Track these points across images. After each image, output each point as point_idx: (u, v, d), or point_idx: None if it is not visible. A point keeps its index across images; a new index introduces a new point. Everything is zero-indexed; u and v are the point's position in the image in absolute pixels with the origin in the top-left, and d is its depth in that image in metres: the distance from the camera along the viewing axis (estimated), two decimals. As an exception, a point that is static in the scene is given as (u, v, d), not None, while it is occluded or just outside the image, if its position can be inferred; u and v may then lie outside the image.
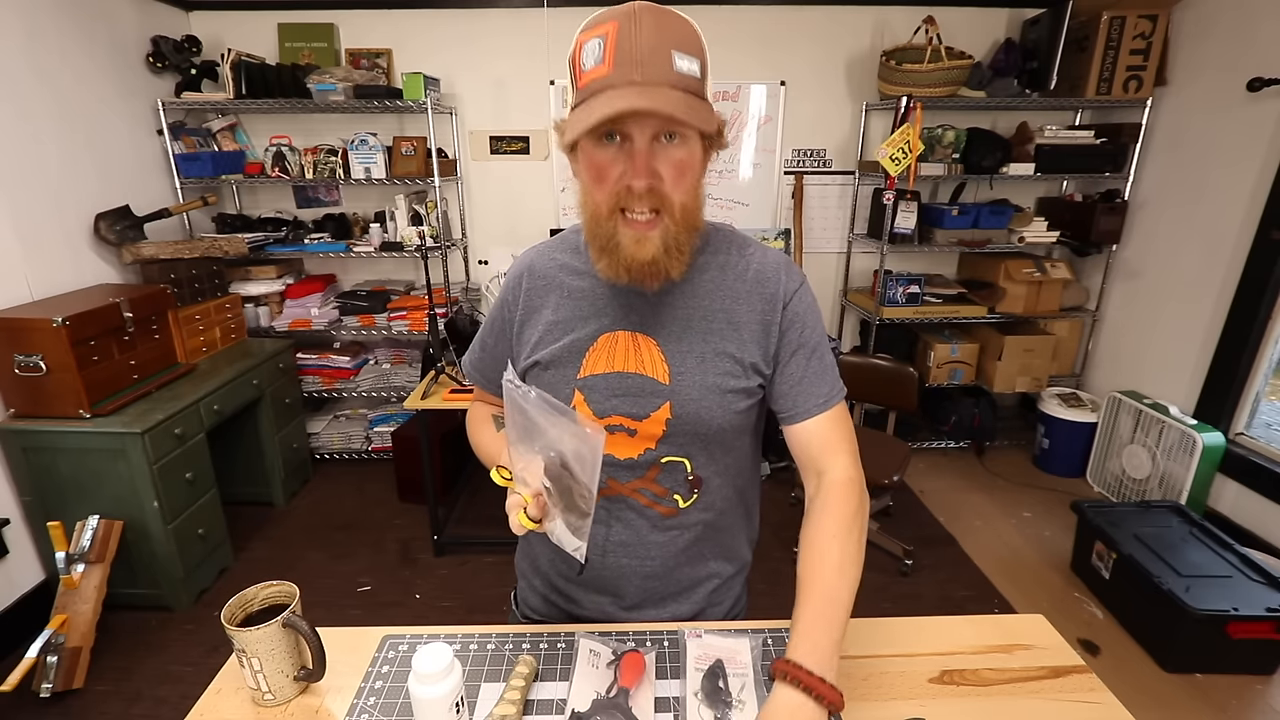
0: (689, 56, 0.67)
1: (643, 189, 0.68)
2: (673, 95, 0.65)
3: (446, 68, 3.00)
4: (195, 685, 0.80)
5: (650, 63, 0.65)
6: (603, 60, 0.65)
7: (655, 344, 0.80)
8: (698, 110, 0.67)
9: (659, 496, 0.83)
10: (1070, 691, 0.78)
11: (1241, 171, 2.38)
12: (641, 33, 0.65)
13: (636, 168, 0.67)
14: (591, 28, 0.68)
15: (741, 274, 0.82)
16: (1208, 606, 1.81)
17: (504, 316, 0.88)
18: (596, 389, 0.80)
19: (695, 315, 0.80)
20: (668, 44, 0.65)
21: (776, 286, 0.81)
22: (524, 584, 1.00)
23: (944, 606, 2.19)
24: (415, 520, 2.71)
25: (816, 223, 3.30)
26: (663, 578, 0.86)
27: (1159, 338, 2.80)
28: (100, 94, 2.44)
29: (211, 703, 0.76)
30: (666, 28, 0.66)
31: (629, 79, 0.64)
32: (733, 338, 0.80)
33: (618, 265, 0.73)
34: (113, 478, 1.99)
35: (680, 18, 0.68)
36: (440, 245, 2.95)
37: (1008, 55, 2.84)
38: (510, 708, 0.71)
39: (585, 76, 0.67)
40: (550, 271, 0.85)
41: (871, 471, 2.34)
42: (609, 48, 0.65)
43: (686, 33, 0.68)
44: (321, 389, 3.13)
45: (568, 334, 0.82)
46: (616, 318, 0.80)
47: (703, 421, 0.79)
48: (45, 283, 2.16)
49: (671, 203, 0.70)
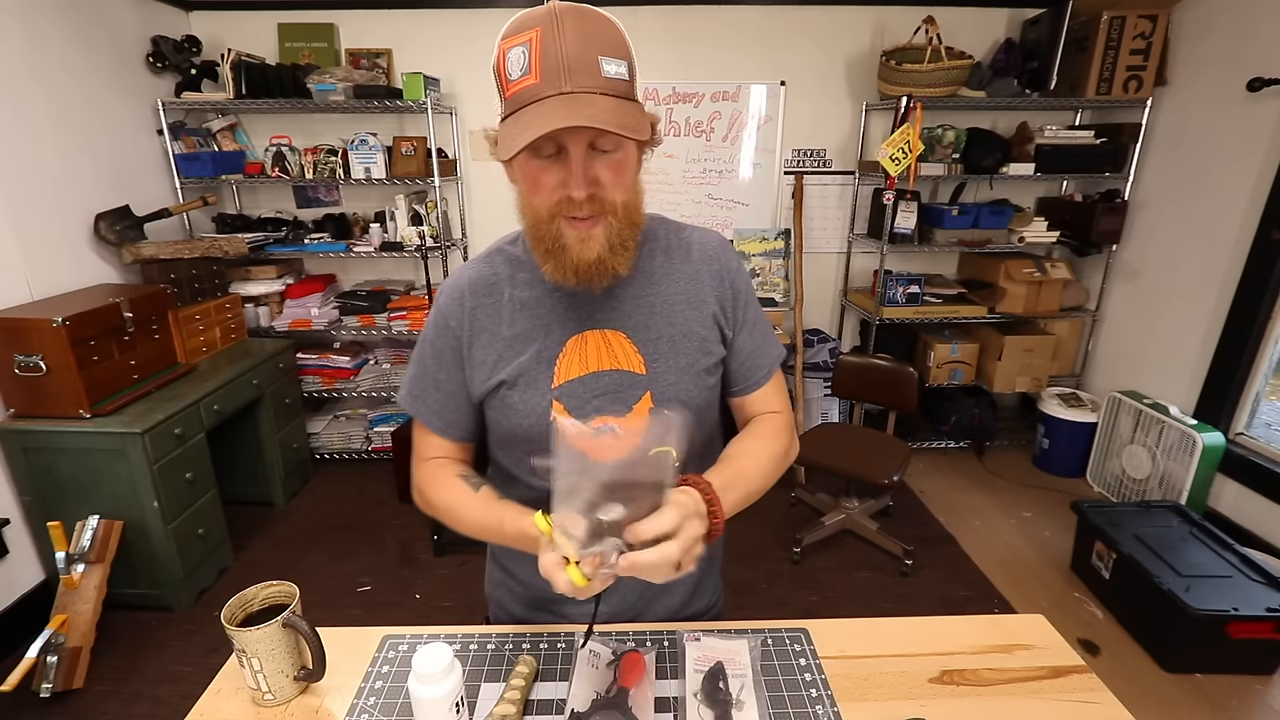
0: (616, 60, 0.66)
1: (583, 198, 0.68)
2: (604, 104, 0.64)
3: (446, 68, 3.00)
4: (195, 685, 0.80)
5: (578, 70, 0.63)
6: (529, 70, 0.64)
7: (625, 336, 0.80)
8: (629, 115, 0.66)
9: None
10: (1070, 691, 0.78)
11: (1241, 171, 2.38)
12: (565, 38, 0.63)
13: (575, 178, 0.67)
14: (512, 35, 0.66)
15: (686, 254, 0.84)
16: (1208, 606, 1.81)
17: (449, 344, 0.82)
18: (575, 395, 0.79)
19: (657, 301, 0.81)
20: (593, 49, 0.64)
21: (722, 263, 0.85)
22: (499, 611, 0.97)
23: (944, 606, 2.19)
24: (415, 520, 2.71)
25: (816, 223, 3.30)
26: (653, 585, 0.86)
27: (1159, 338, 2.80)
28: (100, 94, 2.44)
29: (211, 703, 0.76)
30: (590, 32, 0.64)
31: (558, 88, 0.63)
32: (695, 316, 0.82)
33: (564, 267, 0.73)
34: (113, 478, 1.99)
35: (602, 17, 0.66)
36: (440, 245, 2.95)
37: (1008, 55, 2.83)
38: (510, 708, 0.71)
39: (512, 86, 0.66)
40: (494, 286, 0.82)
41: (871, 471, 2.35)
42: (534, 56, 0.63)
43: (610, 34, 0.66)
44: (321, 389, 3.13)
45: (531, 345, 0.79)
46: (581, 319, 0.80)
47: (682, 403, 0.80)
48: (45, 283, 2.17)
49: (614, 203, 0.70)
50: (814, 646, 0.84)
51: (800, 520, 2.67)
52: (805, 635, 0.86)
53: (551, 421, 0.76)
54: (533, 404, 0.79)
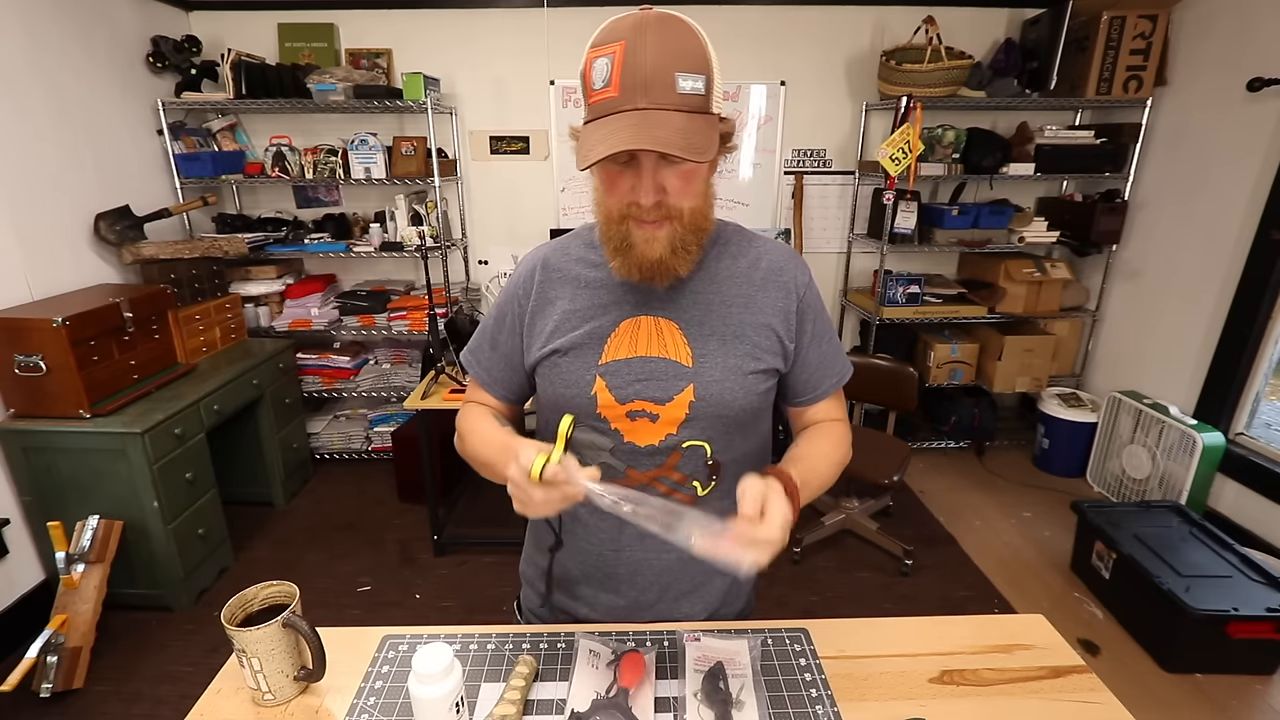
0: (693, 75, 0.68)
1: (650, 204, 0.72)
2: (675, 123, 0.67)
3: (446, 68, 3.00)
4: (195, 685, 0.80)
5: (654, 86, 0.66)
6: (609, 82, 0.68)
7: (677, 327, 0.81)
8: (697, 135, 0.68)
9: (678, 484, 0.83)
10: (1070, 691, 0.78)
11: (1241, 171, 2.38)
12: (647, 53, 0.66)
13: (643, 187, 0.71)
14: (600, 45, 0.69)
15: (754, 263, 0.85)
16: (1208, 606, 1.81)
17: (514, 310, 0.88)
18: (619, 374, 0.80)
19: (715, 300, 0.83)
20: (671, 65, 0.67)
21: (790, 277, 0.85)
22: (528, 589, 1.00)
23: (944, 606, 2.19)
24: (415, 520, 2.71)
25: (816, 223, 3.30)
26: (678, 571, 0.87)
27: (1159, 338, 2.80)
28: (100, 94, 2.44)
29: (211, 703, 0.76)
30: (670, 48, 0.67)
31: (634, 103, 0.67)
32: (750, 321, 0.83)
33: (630, 264, 0.77)
34: (113, 478, 1.99)
35: (686, 30, 0.69)
36: (440, 245, 2.95)
37: (1008, 55, 2.83)
38: (510, 708, 0.71)
39: (594, 95, 0.70)
40: (565, 265, 0.87)
41: (871, 471, 2.35)
42: (615, 69, 0.67)
43: (691, 48, 0.68)
44: (321, 389, 3.13)
45: (588, 321, 0.83)
46: (638, 303, 0.82)
47: (725, 403, 0.80)
48: (45, 283, 2.17)
49: (679, 209, 0.74)
50: (814, 646, 0.84)
51: (800, 520, 2.64)
52: (805, 635, 0.86)
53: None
54: (577, 375, 0.82)
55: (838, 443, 0.88)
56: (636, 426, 0.81)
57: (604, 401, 0.81)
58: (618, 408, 0.80)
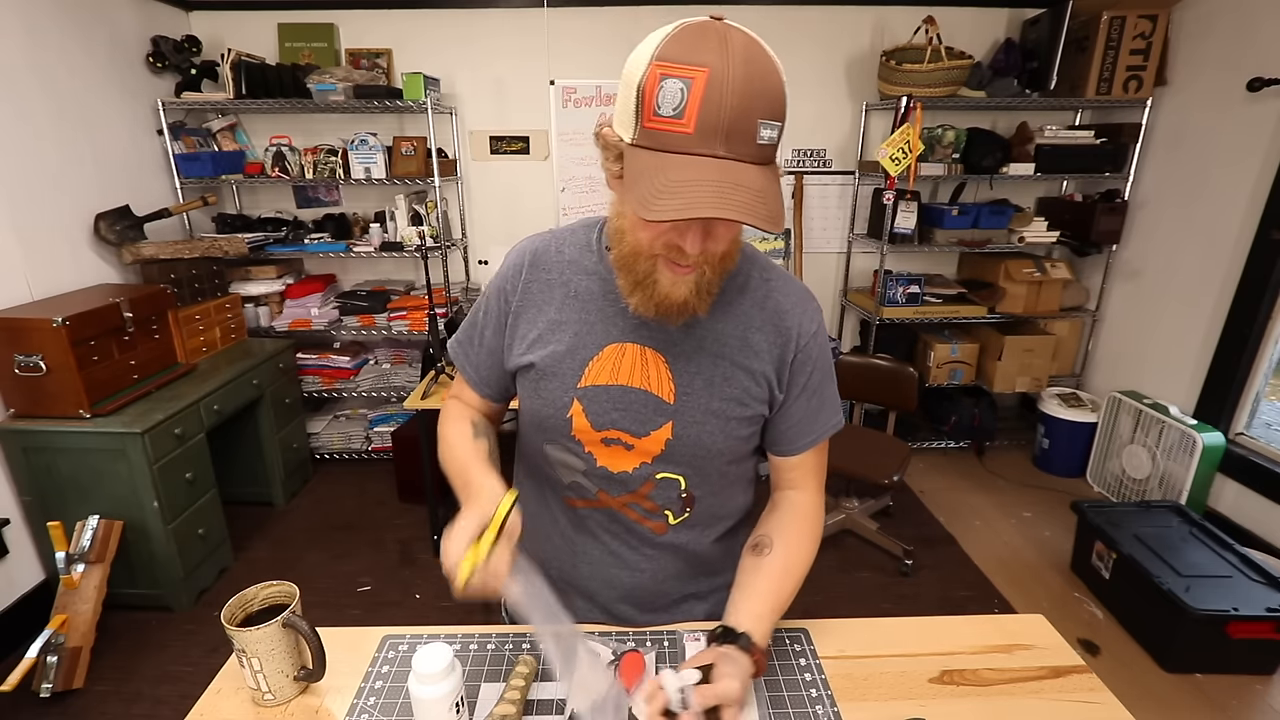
0: (773, 123, 0.60)
1: (695, 255, 0.66)
2: (754, 182, 0.59)
3: (446, 68, 3.00)
4: (195, 685, 0.79)
5: (735, 134, 0.58)
6: (683, 114, 0.57)
7: (664, 361, 0.77)
8: (774, 197, 0.60)
9: (649, 512, 0.82)
10: (1070, 691, 0.78)
11: (1241, 171, 2.38)
12: (732, 92, 0.56)
13: (693, 239, 0.64)
14: (675, 63, 0.57)
15: (761, 301, 0.79)
16: (1208, 606, 1.81)
17: (500, 307, 0.83)
18: (597, 400, 0.78)
19: (709, 337, 0.77)
20: (755, 111, 0.58)
21: (794, 322, 0.79)
22: None
23: (944, 606, 2.19)
24: (415, 520, 2.71)
25: (816, 223, 3.30)
26: (650, 590, 0.86)
27: (1159, 338, 2.80)
28: (100, 94, 2.44)
29: (211, 703, 0.76)
30: (757, 90, 0.58)
31: (711, 149, 0.58)
32: (743, 365, 0.78)
33: (649, 302, 0.71)
34: (113, 478, 1.99)
35: (770, 67, 0.60)
36: (440, 245, 2.95)
37: (1008, 55, 2.83)
38: (510, 708, 0.71)
39: (659, 122, 0.59)
40: (556, 266, 0.81)
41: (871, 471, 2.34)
42: (693, 101, 0.57)
43: (774, 90, 0.60)
44: (321, 389, 3.13)
45: (572, 338, 0.78)
46: (626, 329, 0.77)
47: (703, 445, 0.78)
48: (45, 283, 2.16)
49: (715, 255, 0.69)
50: (814, 646, 0.84)
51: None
52: (805, 635, 0.86)
53: None
54: (555, 395, 0.79)
55: (809, 543, 0.83)
56: (611, 453, 0.79)
57: (579, 425, 0.78)
58: (593, 433, 0.78)
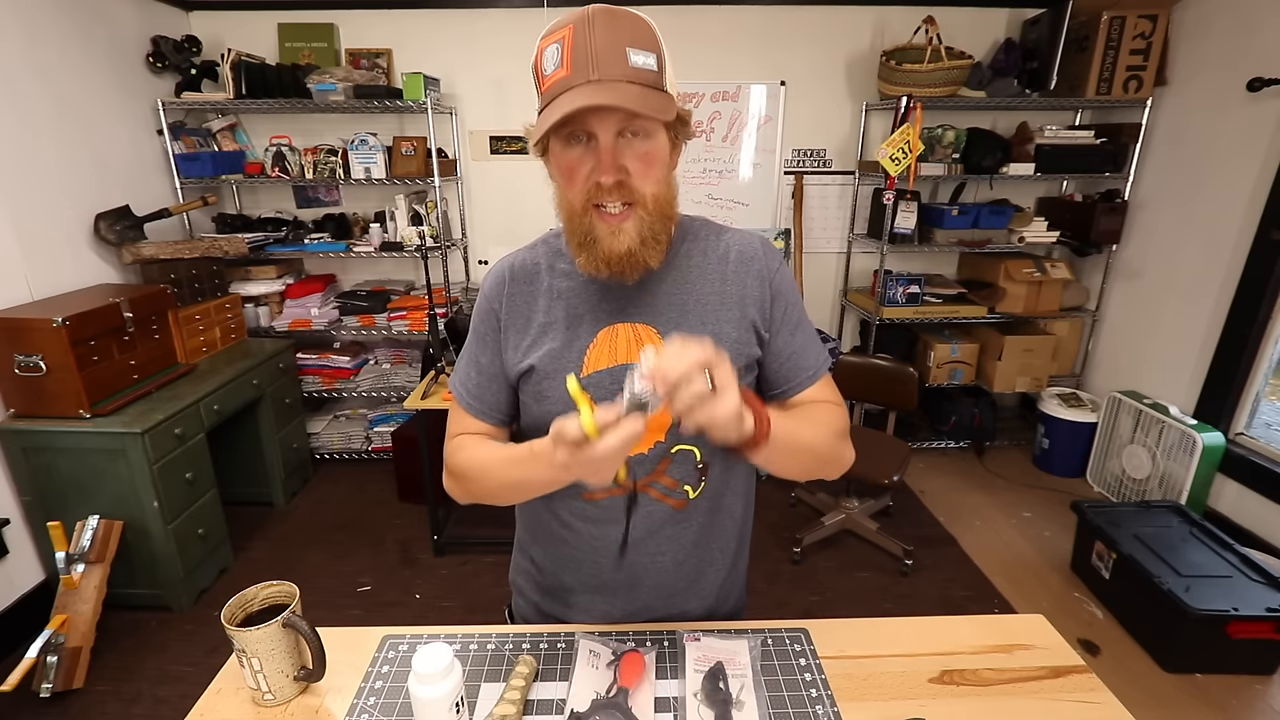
0: (644, 51, 0.69)
1: (611, 184, 0.70)
2: (629, 90, 0.67)
3: (446, 68, 3.00)
4: (195, 685, 0.80)
5: (605, 60, 0.67)
6: (561, 63, 0.68)
7: (656, 332, 0.80)
8: (655, 101, 0.68)
9: (670, 489, 0.83)
10: (1070, 691, 0.78)
11: (1241, 171, 2.38)
12: (596, 33, 0.67)
13: (603, 164, 0.70)
14: (550, 34, 0.70)
15: (724, 256, 0.84)
16: (1208, 606, 1.81)
17: (490, 325, 0.85)
18: (602, 385, 0.79)
19: (689, 300, 0.81)
20: (622, 42, 0.68)
21: (762, 264, 0.84)
22: (519, 599, 0.99)
23: (944, 606, 2.19)
24: (415, 520, 2.71)
25: (816, 223, 3.30)
26: (673, 572, 0.87)
27: (1159, 338, 2.80)
28: (100, 94, 2.44)
29: (211, 703, 0.76)
30: (620, 27, 0.68)
31: (586, 77, 0.67)
32: (728, 318, 0.81)
33: (596, 259, 0.75)
34: (113, 478, 1.99)
35: (634, 16, 0.70)
36: (440, 245, 2.95)
37: (1008, 55, 2.83)
38: (510, 708, 0.71)
39: (546, 81, 0.70)
40: (534, 273, 0.84)
41: (871, 471, 2.35)
42: (566, 51, 0.68)
43: (640, 29, 0.70)
44: (321, 389, 3.13)
45: (563, 333, 0.81)
46: (613, 311, 0.81)
47: None
48: (45, 283, 2.16)
49: (643, 194, 0.72)
50: (814, 646, 0.84)
51: (800, 520, 2.67)
52: (805, 635, 0.86)
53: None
54: (561, 392, 0.80)
55: (833, 425, 0.82)
56: None
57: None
58: None
